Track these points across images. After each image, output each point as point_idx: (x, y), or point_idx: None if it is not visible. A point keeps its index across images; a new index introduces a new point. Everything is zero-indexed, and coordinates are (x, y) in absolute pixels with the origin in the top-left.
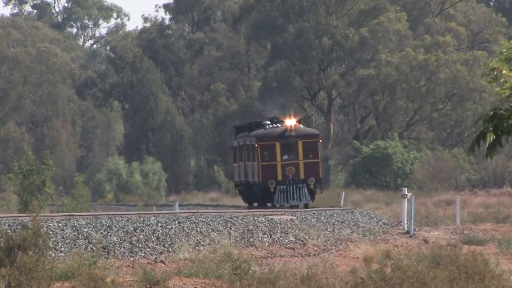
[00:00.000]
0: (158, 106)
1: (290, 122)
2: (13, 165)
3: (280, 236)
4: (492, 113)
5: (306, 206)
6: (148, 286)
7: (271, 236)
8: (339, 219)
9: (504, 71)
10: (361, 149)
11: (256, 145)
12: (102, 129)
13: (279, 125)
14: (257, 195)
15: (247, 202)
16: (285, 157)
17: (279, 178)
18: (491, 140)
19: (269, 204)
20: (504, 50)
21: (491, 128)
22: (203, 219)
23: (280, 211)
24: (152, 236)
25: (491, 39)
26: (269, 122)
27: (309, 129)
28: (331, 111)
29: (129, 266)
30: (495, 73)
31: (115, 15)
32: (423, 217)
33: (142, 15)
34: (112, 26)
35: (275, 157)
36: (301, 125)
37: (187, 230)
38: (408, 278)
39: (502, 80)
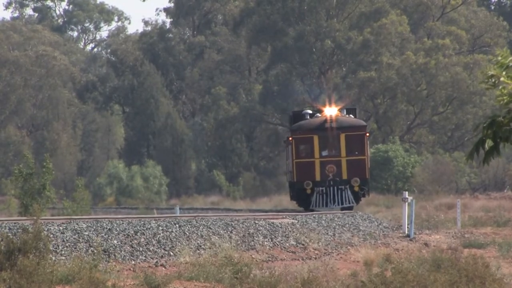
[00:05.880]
0: (159, 110)
1: (331, 111)
2: (14, 168)
3: (281, 240)
4: (490, 120)
5: (349, 208)
6: None
7: (272, 240)
8: (339, 222)
9: (502, 78)
10: None
11: (290, 139)
12: (103, 132)
13: (319, 115)
14: (297, 197)
15: (300, 206)
16: (324, 153)
17: (317, 178)
18: (489, 146)
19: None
20: (500, 58)
21: (490, 135)
22: (203, 222)
23: (281, 215)
24: (153, 240)
25: (492, 43)
26: (310, 111)
27: (354, 120)
28: None
29: (130, 269)
30: (493, 80)
31: (116, 18)
32: (423, 221)
33: (143, 19)
34: (113, 29)
35: (312, 153)
36: (351, 115)
37: (187, 234)
38: (408, 282)
39: (500, 87)
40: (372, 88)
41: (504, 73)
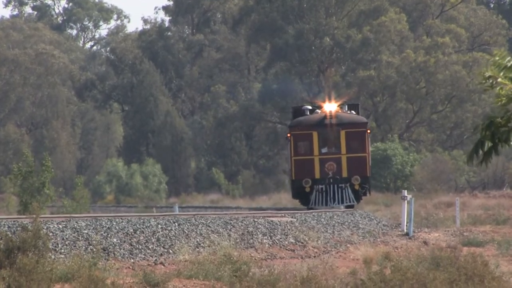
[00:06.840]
0: (158, 108)
1: (330, 107)
2: (13, 166)
3: (280, 238)
4: (489, 121)
5: (350, 207)
6: (148, 287)
7: (271, 238)
8: (339, 221)
9: (499, 79)
10: None
11: (288, 135)
12: (102, 131)
13: (319, 111)
14: (297, 196)
15: (302, 204)
16: (324, 150)
17: (317, 176)
18: (488, 147)
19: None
20: (497, 58)
21: (488, 137)
22: (203, 221)
23: (280, 213)
24: (152, 238)
25: (491, 41)
26: (310, 107)
27: (354, 116)
28: None
29: (129, 267)
30: (490, 81)
31: (115, 16)
32: (423, 219)
33: (142, 17)
34: (112, 27)
35: (311, 150)
36: (352, 112)
37: (187, 232)
38: (407, 280)
39: (498, 88)
40: (372, 86)
41: (501, 74)
